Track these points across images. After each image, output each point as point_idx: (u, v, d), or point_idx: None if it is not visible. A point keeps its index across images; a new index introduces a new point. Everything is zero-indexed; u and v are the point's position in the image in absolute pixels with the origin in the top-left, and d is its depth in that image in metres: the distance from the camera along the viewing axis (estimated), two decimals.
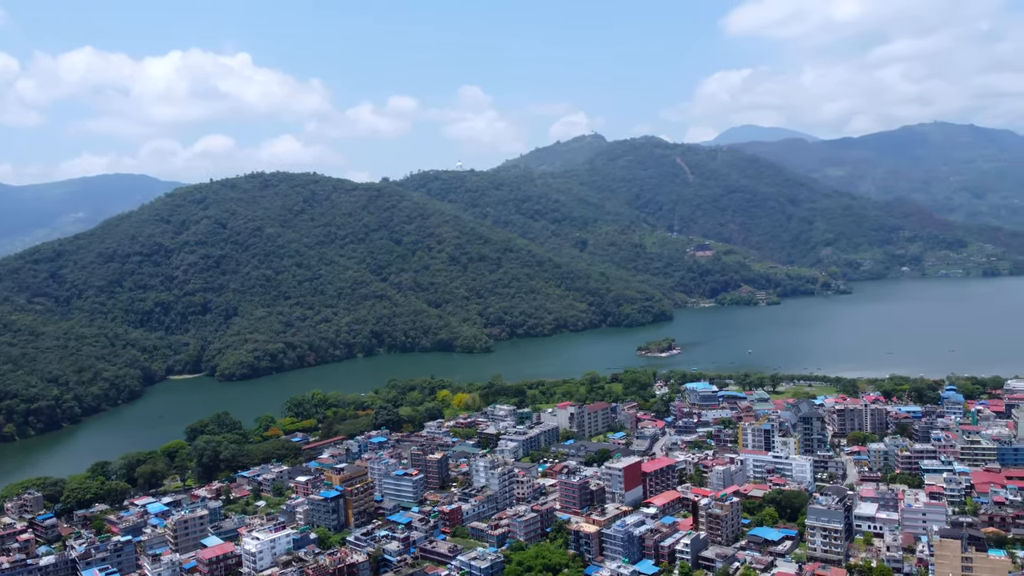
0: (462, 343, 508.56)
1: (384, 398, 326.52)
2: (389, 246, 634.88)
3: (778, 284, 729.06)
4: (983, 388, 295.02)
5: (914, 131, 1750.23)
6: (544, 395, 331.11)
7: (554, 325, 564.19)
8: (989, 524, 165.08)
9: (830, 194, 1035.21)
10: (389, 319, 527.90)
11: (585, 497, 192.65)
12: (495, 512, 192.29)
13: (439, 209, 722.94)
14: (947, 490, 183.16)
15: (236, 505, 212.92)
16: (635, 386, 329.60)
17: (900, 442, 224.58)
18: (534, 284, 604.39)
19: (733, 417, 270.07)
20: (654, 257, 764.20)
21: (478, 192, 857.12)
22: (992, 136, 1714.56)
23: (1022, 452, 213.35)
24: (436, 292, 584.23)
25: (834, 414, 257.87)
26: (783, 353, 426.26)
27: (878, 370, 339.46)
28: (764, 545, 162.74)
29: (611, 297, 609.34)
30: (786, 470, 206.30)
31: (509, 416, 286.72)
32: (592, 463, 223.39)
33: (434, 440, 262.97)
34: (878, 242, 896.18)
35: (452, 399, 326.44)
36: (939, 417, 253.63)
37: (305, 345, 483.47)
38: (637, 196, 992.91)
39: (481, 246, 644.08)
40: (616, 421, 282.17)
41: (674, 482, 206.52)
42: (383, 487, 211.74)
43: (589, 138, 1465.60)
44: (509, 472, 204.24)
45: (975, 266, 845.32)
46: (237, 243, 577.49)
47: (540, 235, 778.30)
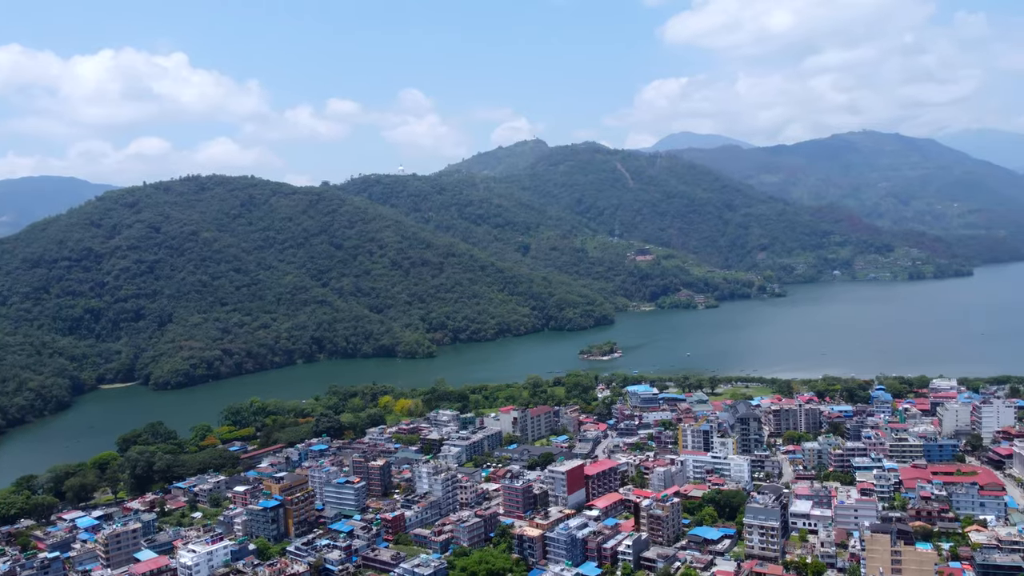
0: (404, 348, 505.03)
1: (325, 405, 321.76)
2: (330, 251, 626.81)
3: (716, 288, 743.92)
4: (910, 387, 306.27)
5: (844, 139, 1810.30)
6: (487, 400, 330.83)
7: (497, 330, 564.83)
8: (916, 518, 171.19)
9: (765, 200, 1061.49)
10: (330, 325, 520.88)
11: (528, 501, 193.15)
12: (438, 518, 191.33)
13: (380, 213, 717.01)
14: (877, 486, 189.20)
15: (171, 517, 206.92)
16: (577, 389, 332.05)
17: (833, 441, 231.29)
18: (477, 289, 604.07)
19: (673, 419, 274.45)
20: (595, 262, 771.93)
21: (420, 196, 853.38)
22: (916, 145, 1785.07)
23: (947, 448, 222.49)
24: (378, 297, 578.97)
25: (770, 414, 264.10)
26: (721, 355, 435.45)
27: (812, 371, 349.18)
28: (704, 544, 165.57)
29: (553, 301, 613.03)
30: (725, 470, 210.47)
31: (452, 421, 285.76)
32: (535, 467, 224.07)
33: (376, 447, 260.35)
34: (811, 246, 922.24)
35: (394, 405, 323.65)
36: (869, 416, 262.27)
37: (243, 352, 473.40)
38: (579, 201, 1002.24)
39: (423, 251, 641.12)
40: (559, 425, 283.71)
41: (616, 484, 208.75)
42: (324, 495, 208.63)
43: (531, 143, 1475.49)
44: (452, 478, 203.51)
45: (902, 270, 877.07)
46: (172, 248, 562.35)
47: (483, 240, 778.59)
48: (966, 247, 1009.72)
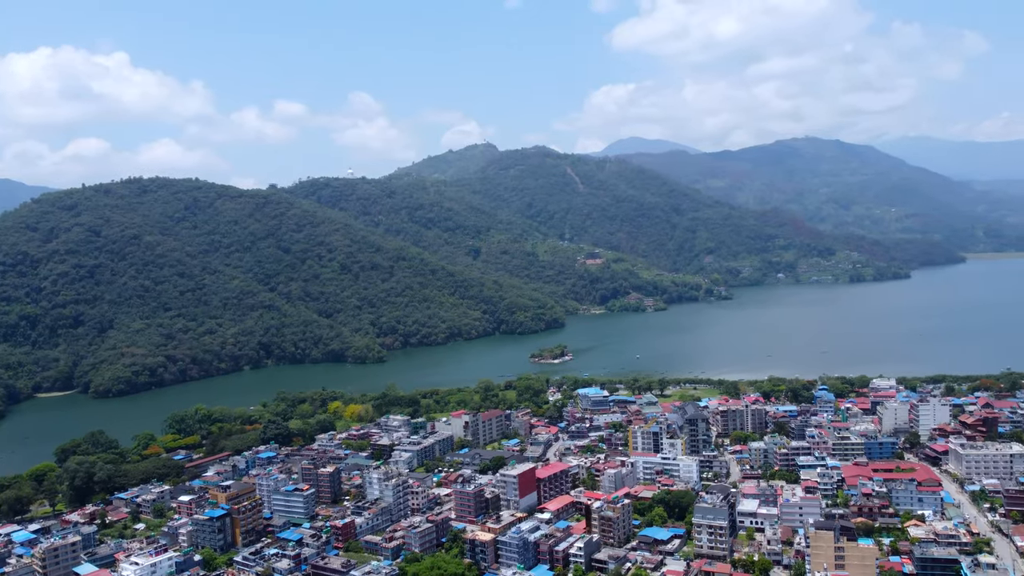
0: (354, 353, 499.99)
1: (273, 411, 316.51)
2: (277, 255, 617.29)
3: (665, 291, 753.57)
4: (851, 387, 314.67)
5: (787, 145, 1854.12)
6: (438, 404, 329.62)
7: (448, 334, 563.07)
8: (858, 514, 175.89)
9: (711, 204, 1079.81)
10: (278, 330, 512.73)
11: (480, 505, 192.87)
12: (390, 524, 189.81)
13: (329, 217, 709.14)
14: (821, 484, 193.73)
15: (113, 529, 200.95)
16: (529, 393, 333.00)
17: (778, 440, 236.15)
18: (427, 293, 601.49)
19: (623, 421, 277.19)
20: (546, 265, 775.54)
21: (370, 200, 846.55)
22: (856, 151, 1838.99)
23: (887, 446, 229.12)
24: (327, 302, 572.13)
25: (718, 415, 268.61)
26: (670, 357, 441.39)
27: (758, 372, 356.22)
28: (654, 545, 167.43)
29: (504, 305, 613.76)
30: (674, 471, 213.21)
31: (403, 426, 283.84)
32: (487, 471, 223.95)
33: (326, 453, 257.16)
34: (756, 250, 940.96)
35: (344, 411, 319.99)
36: (813, 415, 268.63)
37: (188, 358, 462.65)
38: (529, 205, 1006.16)
39: (373, 255, 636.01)
40: (510, 428, 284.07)
41: (568, 487, 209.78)
42: (272, 504, 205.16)
43: (481, 147, 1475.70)
44: (403, 483, 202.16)
45: (843, 272, 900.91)
46: (112, 252, 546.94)
47: (433, 243, 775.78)
48: (903, 251, 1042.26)
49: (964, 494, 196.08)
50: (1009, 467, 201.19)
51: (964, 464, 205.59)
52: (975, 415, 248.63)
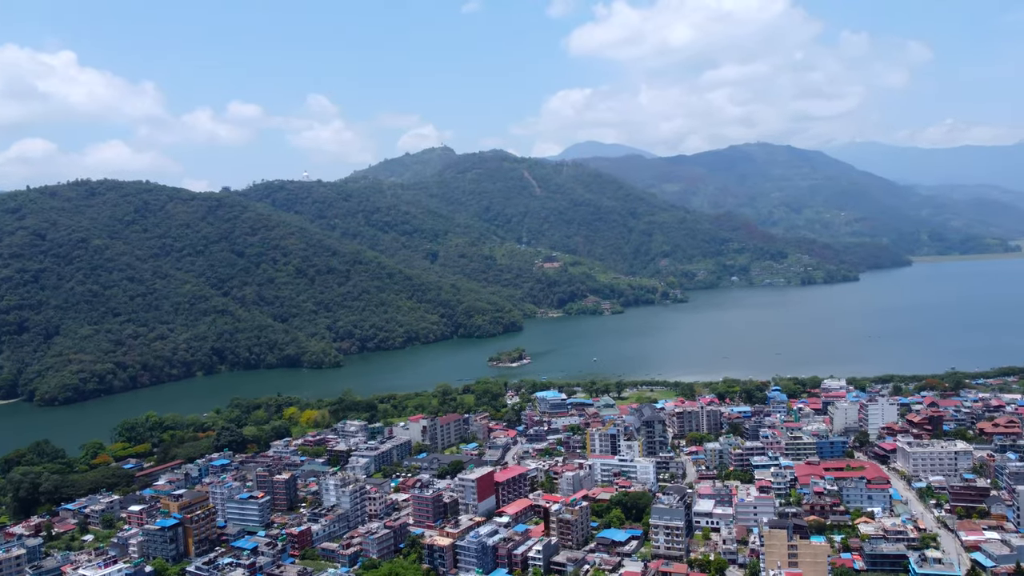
0: (310, 358, 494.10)
1: (226, 418, 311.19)
2: (231, 259, 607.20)
3: (621, 294, 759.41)
4: (803, 388, 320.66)
5: (740, 150, 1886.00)
6: (396, 409, 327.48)
7: (405, 338, 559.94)
8: (811, 513, 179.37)
9: (667, 208, 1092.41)
10: (231, 335, 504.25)
11: (439, 510, 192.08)
12: (347, 531, 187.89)
13: (284, 220, 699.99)
14: (774, 484, 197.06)
15: (60, 541, 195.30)
16: (487, 396, 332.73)
17: (733, 441, 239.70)
18: (384, 297, 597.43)
19: (581, 423, 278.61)
20: (504, 269, 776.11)
21: (326, 203, 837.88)
22: (806, 156, 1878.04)
23: (837, 445, 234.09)
24: (282, 306, 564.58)
25: (674, 417, 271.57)
26: (627, 360, 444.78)
27: (713, 374, 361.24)
28: (612, 546, 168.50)
29: (462, 309, 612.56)
30: (631, 472, 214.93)
31: (360, 432, 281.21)
32: (445, 475, 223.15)
33: (281, 460, 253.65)
34: (710, 253, 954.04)
35: (300, 416, 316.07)
36: (766, 416, 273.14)
37: (138, 364, 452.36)
38: (487, 209, 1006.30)
39: (329, 258, 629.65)
40: (469, 432, 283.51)
41: (526, 490, 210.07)
42: (226, 512, 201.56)
43: (439, 150, 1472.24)
44: (361, 489, 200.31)
45: (794, 275, 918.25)
46: (59, 256, 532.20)
47: (390, 247, 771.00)
48: (852, 254, 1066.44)
49: (911, 491, 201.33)
50: (954, 464, 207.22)
51: (911, 462, 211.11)
52: (921, 414, 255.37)
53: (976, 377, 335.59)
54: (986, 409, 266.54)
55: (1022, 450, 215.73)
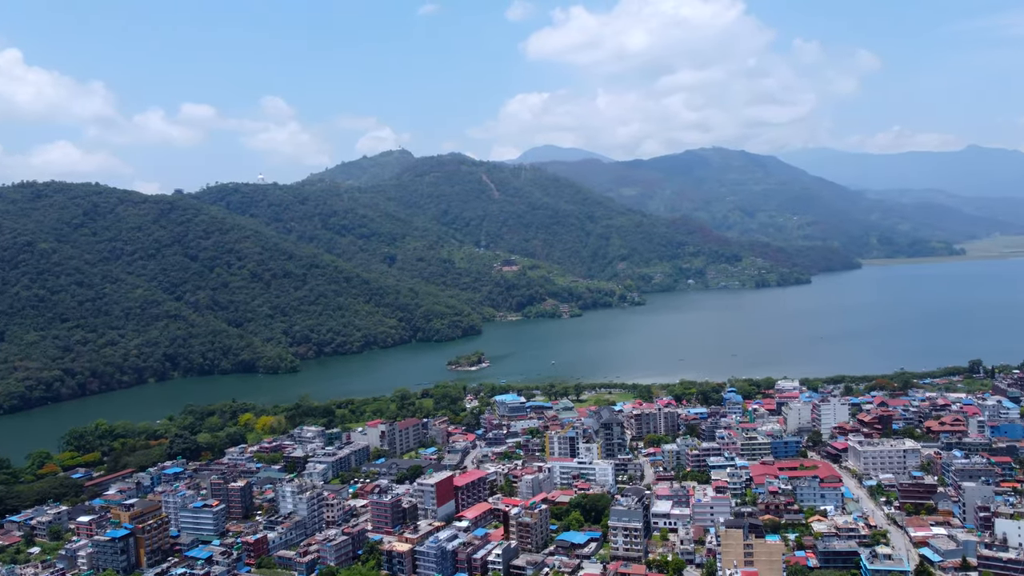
0: (266, 363, 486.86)
1: (180, 425, 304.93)
2: (184, 263, 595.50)
3: (580, 297, 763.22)
4: (758, 389, 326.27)
5: (696, 155, 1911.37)
6: (354, 414, 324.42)
7: (363, 342, 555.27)
8: (766, 512, 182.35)
9: (624, 212, 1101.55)
10: (185, 340, 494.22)
11: (397, 515, 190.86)
12: (304, 538, 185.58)
13: (239, 224, 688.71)
14: (730, 484, 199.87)
15: (4, 555, 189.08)
16: (446, 401, 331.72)
17: (690, 442, 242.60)
18: (342, 301, 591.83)
19: (540, 427, 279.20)
20: (462, 272, 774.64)
21: (281, 206, 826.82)
22: (760, 161, 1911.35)
23: (791, 445, 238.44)
24: (237, 311, 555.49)
25: (632, 419, 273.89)
26: (586, 363, 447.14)
27: (670, 376, 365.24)
28: (571, 549, 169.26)
29: (421, 312, 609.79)
30: (590, 475, 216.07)
31: (317, 437, 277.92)
32: (404, 480, 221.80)
33: (237, 467, 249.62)
34: (667, 256, 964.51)
35: (256, 423, 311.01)
36: (722, 417, 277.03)
37: (87, 371, 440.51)
38: (445, 212, 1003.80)
39: (285, 262, 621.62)
40: (428, 437, 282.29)
41: (485, 494, 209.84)
42: (180, 521, 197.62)
43: (396, 153, 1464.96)
44: (318, 495, 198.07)
45: (749, 278, 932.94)
46: (3, 260, 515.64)
47: (347, 251, 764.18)
48: (805, 257, 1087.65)
49: (863, 489, 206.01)
50: (903, 462, 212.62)
51: (862, 460, 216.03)
52: (871, 414, 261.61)
53: (923, 377, 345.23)
54: (933, 408, 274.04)
55: (967, 448, 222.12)
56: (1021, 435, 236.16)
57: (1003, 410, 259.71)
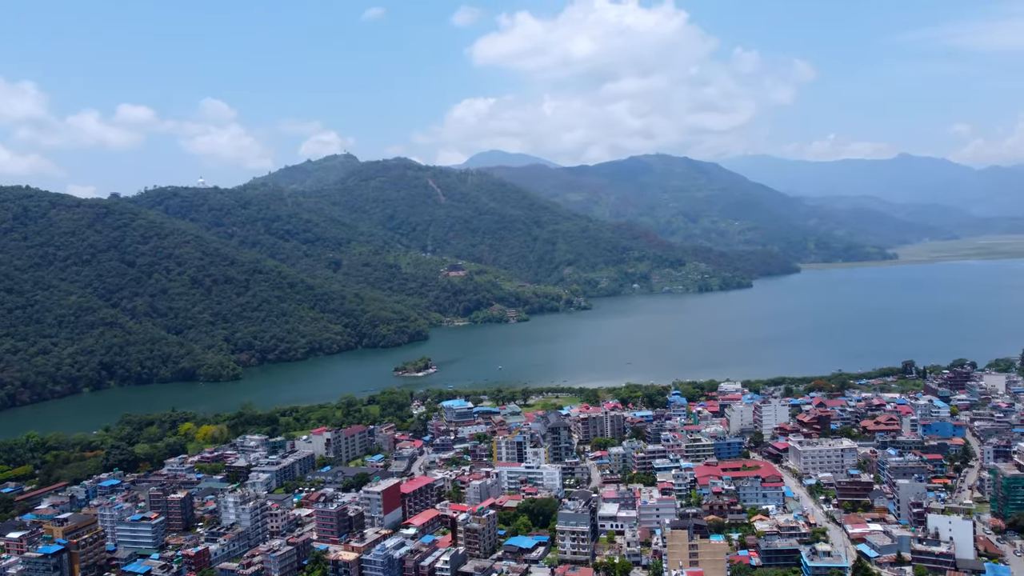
0: (207, 371, 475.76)
1: (116, 436, 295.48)
2: (121, 268, 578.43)
3: (526, 302, 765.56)
4: (702, 391, 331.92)
5: (640, 161, 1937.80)
6: (298, 422, 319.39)
7: (308, 348, 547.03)
8: (710, 512, 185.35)
9: (570, 217, 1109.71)
10: (121, 348, 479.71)
11: (343, 524, 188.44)
12: (247, 549, 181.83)
13: (179, 228, 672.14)
14: (676, 485, 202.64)
15: None
16: (392, 407, 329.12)
17: (636, 444, 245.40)
18: (285, 307, 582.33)
19: (488, 432, 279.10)
20: (409, 277, 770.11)
21: (223, 211, 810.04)
22: (702, 168, 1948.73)
23: (734, 446, 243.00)
24: (176, 317, 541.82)
25: (579, 423, 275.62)
26: (533, 367, 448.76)
27: (616, 379, 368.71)
28: (519, 553, 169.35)
29: (367, 318, 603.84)
30: (538, 479, 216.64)
31: (261, 446, 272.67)
32: (350, 488, 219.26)
33: (176, 478, 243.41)
34: (612, 261, 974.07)
35: (197, 432, 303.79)
36: (667, 419, 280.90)
37: (17, 381, 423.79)
38: (391, 217, 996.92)
39: (227, 268, 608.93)
40: (374, 444, 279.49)
41: (433, 500, 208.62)
42: (117, 535, 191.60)
43: (341, 157, 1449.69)
44: (261, 505, 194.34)
45: (692, 282, 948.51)
46: None
47: (291, 256, 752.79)
48: (746, 261, 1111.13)
49: (803, 488, 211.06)
50: (840, 461, 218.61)
51: (802, 460, 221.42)
52: (810, 414, 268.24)
53: (859, 378, 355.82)
54: (868, 408, 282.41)
55: (901, 446, 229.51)
56: (951, 433, 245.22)
57: (934, 409, 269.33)
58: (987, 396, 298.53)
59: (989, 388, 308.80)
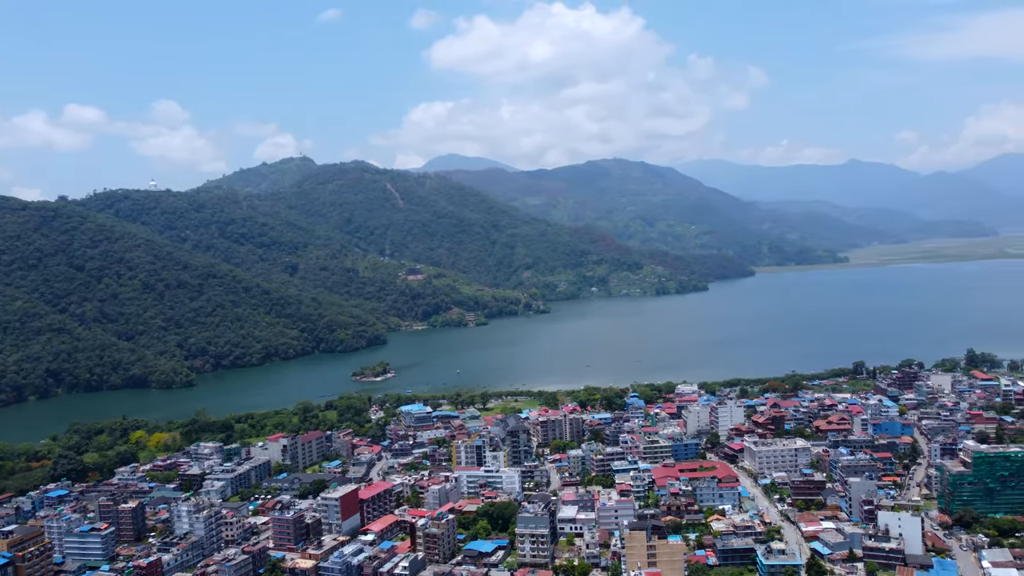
0: (159, 378, 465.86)
1: (64, 445, 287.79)
2: (69, 273, 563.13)
3: (485, 306, 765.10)
4: (660, 393, 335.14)
5: (598, 165, 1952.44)
6: (254, 428, 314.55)
7: (264, 354, 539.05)
8: (668, 513, 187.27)
9: (529, 221, 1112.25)
10: (69, 355, 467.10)
11: (300, 531, 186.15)
12: (201, 559, 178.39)
13: (130, 232, 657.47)
14: (634, 487, 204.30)
15: None
16: (350, 412, 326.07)
17: (594, 447, 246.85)
18: (240, 312, 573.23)
19: (447, 436, 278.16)
20: (367, 281, 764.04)
21: (176, 214, 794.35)
22: (659, 172, 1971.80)
23: (691, 447, 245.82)
24: (127, 323, 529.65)
25: (538, 426, 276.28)
26: (492, 371, 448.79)
27: (574, 382, 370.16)
28: (479, 558, 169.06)
29: (324, 323, 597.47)
30: (497, 483, 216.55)
31: (215, 454, 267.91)
32: (307, 495, 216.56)
33: (127, 487, 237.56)
34: (571, 265, 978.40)
35: (149, 440, 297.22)
36: (625, 422, 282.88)
37: None
38: (348, 220, 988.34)
39: (180, 272, 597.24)
40: (332, 449, 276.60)
41: (392, 506, 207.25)
42: (65, 547, 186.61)
43: (297, 161, 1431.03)
44: (215, 514, 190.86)
45: (650, 286, 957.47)
46: None
47: (247, 260, 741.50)
48: (702, 265, 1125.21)
49: (758, 487, 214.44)
50: (794, 460, 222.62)
51: (757, 460, 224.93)
52: (765, 415, 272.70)
53: (812, 379, 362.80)
54: (821, 408, 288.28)
55: (852, 445, 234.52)
56: (900, 432, 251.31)
57: (884, 408, 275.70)
58: (934, 395, 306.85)
59: (936, 388, 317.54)
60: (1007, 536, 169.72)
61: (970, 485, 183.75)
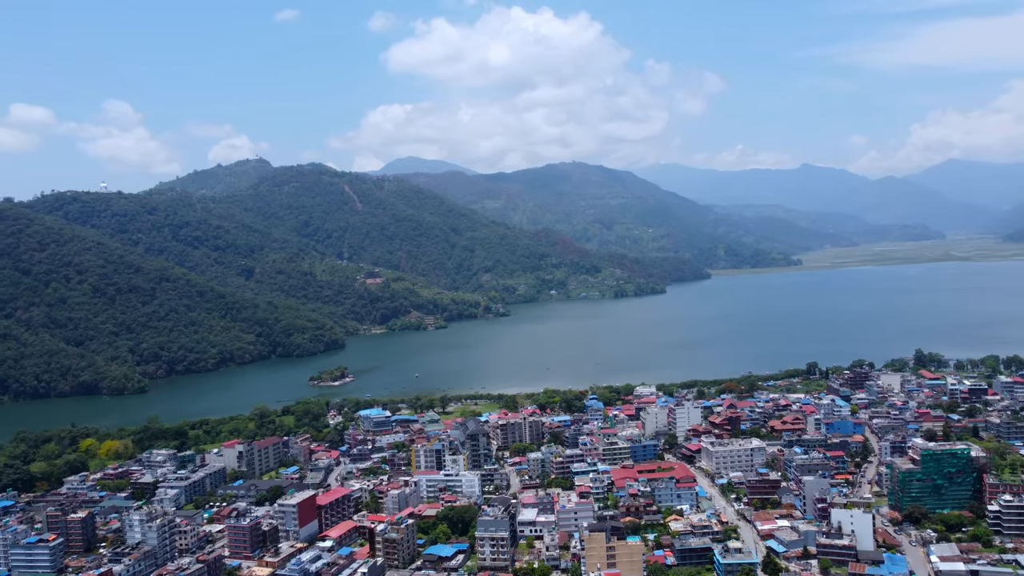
0: (110, 384, 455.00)
1: (10, 454, 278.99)
2: (15, 276, 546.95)
3: (445, 309, 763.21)
4: (618, 395, 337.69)
5: (557, 169, 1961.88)
6: (209, 435, 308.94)
7: (219, 359, 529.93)
8: (627, 514, 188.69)
9: (488, 224, 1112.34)
10: (15, 361, 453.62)
11: (257, 539, 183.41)
12: (154, 569, 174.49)
13: (79, 235, 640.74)
14: (593, 489, 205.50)
15: None
16: (308, 417, 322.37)
17: (554, 449, 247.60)
18: (195, 316, 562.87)
19: (406, 440, 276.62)
20: (324, 285, 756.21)
21: (127, 217, 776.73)
22: (617, 176, 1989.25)
23: (650, 448, 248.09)
24: (76, 328, 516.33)
25: (498, 429, 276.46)
26: (452, 374, 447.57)
27: (534, 385, 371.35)
28: (439, 562, 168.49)
29: (280, 327, 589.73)
30: (457, 487, 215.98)
31: (168, 461, 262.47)
32: (264, 502, 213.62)
33: (77, 497, 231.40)
34: (530, 268, 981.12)
35: (99, 448, 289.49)
36: (585, 424, 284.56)
37: None
38: (305, 223, 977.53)
39: (131, 276, 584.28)
40: (289, 455, 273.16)
41: (350, 512, 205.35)
42: (11, 559, 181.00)
43: (253, 163, 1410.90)
44: (169, 522, 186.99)
45: (608, 288, 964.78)
46: None
47: (201, 263, 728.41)
48: (659, 267, 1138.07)
49: (715, 487, 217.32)
50: (750, 460, 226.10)
51: (714, 460, 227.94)
52: (721, 415, 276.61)
53: (767, 379, 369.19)
54: (776, 408, 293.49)
55: (806, 444, 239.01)
56: (852, 431, 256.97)
57: (836, 408, 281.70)
58: (884, 395, 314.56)
59: (886, 387, 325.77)
60: (954, 531, 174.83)
61: (919, 482, 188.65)
